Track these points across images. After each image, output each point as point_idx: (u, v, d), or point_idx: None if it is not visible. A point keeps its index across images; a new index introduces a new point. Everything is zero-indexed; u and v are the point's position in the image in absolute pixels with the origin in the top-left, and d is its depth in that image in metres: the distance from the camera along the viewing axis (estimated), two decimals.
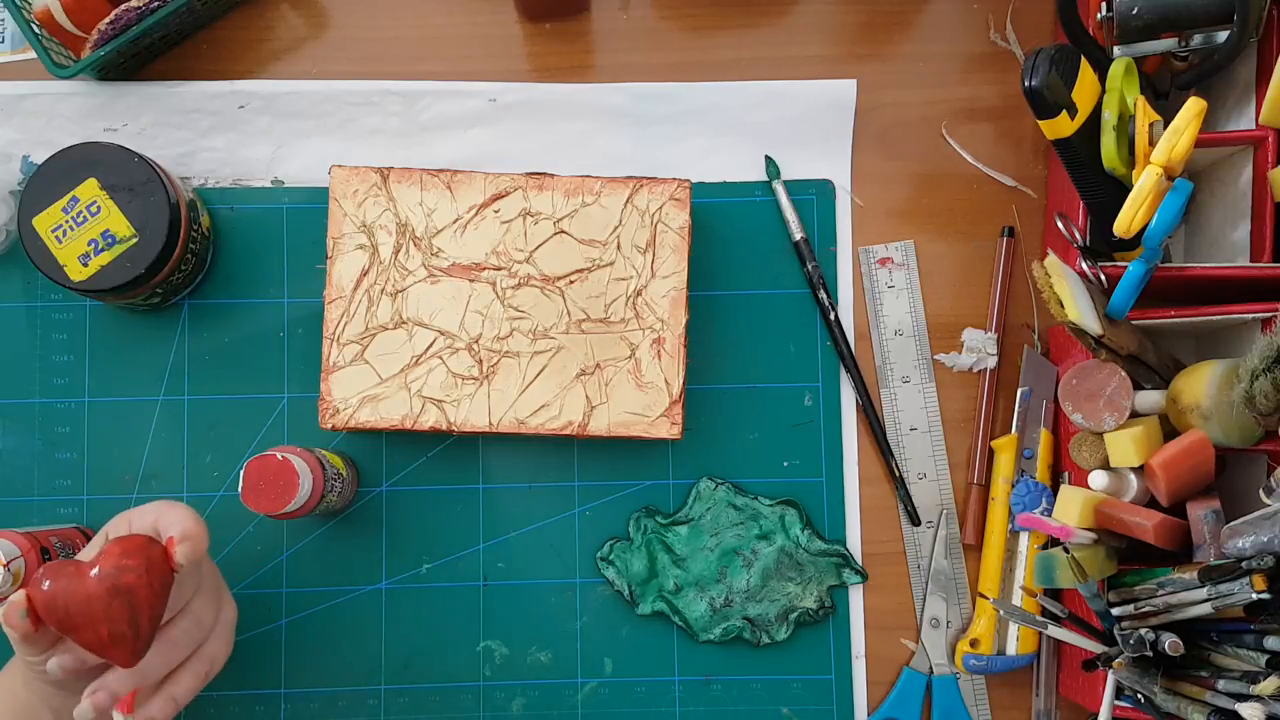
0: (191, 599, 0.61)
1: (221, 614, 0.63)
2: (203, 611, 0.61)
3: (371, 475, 0.77)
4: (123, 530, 0.60)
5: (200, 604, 0.61)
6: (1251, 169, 0.70)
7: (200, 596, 0.61)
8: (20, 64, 0.78)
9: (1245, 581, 0.58)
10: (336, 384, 0.71)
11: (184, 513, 0.59)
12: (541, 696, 0.76)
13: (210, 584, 0.63)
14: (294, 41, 0.80)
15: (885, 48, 0.80)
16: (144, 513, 0.60)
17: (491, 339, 0.72)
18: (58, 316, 0.77)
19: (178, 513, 0.59)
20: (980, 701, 0.77)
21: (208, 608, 0.62)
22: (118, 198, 0.69)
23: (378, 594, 0.76)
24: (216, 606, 0.63)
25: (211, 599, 0.63)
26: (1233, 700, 0.58)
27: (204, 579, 0.62)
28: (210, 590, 0.63)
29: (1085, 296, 0.66)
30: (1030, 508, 0.74)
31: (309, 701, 0.76)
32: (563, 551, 0.77)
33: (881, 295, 0.79)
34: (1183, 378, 0.67)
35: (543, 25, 0.80)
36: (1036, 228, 0.80)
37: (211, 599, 0.63)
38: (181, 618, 0.60)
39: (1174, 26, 0.68)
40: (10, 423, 0.76)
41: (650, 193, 0.73)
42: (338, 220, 0.72)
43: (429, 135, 0.79)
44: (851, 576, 0.76)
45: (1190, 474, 0.64)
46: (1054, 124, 0.65)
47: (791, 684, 0.76)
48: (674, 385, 0.72)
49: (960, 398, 0.79)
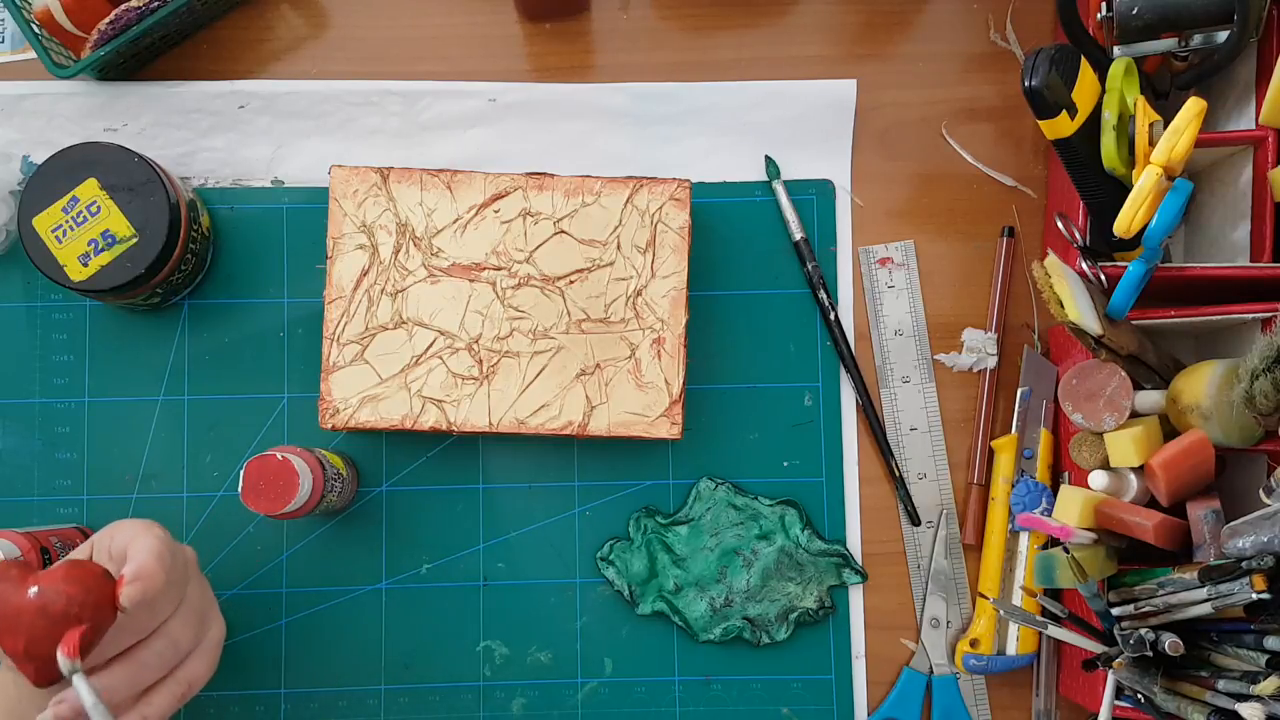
0: (169, 620, 0.59)
1: (206, 634, 0.61)
2: (180, 634, 0.59)
3: (371, 475, 0.77)
4: (104, 544, 0.58)
5: (178, 625, 0.59)
6: (1251, 169, 0.70)
7: (179, 618, 0.59)
8: (20, 64, 0.78)
9: (1245, 581, 0.58)
10: (336, 384, 0.71)
11: (151, 546, 0.56)
12: (541, 696, 0.76)
13: (194, 604, 0.61)
14: (294, 41, 0.80)
15: (885, 48, 0.80)
16: (123, 531, 0.58)
17: (491, 339, 0.72)
18: (58, 316, 0.77)
19: (144, 543, 0.56)
20: (980, 701, 0.77)
21: (186, 629, 0.59)
22: (118, 198, 0.69)
23: (378, 594, 0.76)
24: (199, 627, 0.61)
25: (192, 620, 0.60)
26: (1233, 700, 0.58)
27: (187, 599, 0.60)
28: (192, 611, 0.60)
29: (1085, 296, 0.66)
30: (1030, 508, 0.74)
31: (309, 701, 0.76)
32: (563, 551, 0.77)
33: (881, 295, 0.79)
34: (1183, 378, 0.67)
35: (543, 25, 0.80)
36: (1036, 228, 0.80)
37: (192, 620, 0.60)
38: (155, 639, 0.58)
39: (1174, 26, 0.68)
40: (10, 423, 0.76)
41: (650, 193, 0.73)
42: (338, 220, 0.72)
43: (429, 135, 0.79)
44: (851, 576, 0.76)
45: (1190, 474, 0.64)
46: (1054, 124, 0.65)
47: (791, 684, 0.76)
48: (674, 385, 0.72)
49: (960, 398, 0.79)
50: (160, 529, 0.59)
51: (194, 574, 0.62)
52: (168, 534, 0.59)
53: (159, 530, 0.59)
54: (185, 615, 0.60)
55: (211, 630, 0.62)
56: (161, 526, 0.60)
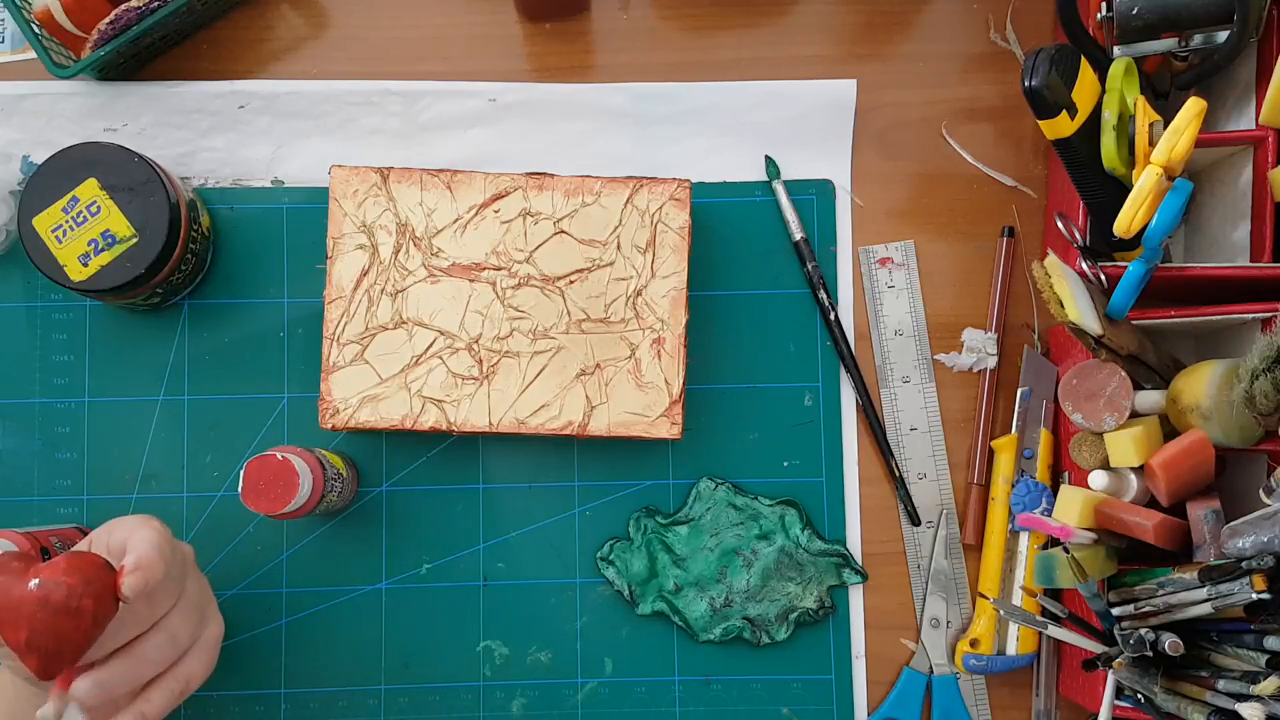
0: (169, 614, 0.58)
1: (204, 631, 0.61)
2: (179, 629, 0.59)
3: (371, 475, 0.77)
4: (103, 540, 0.58)
5: (177, 620, 0.59)
6: (1251, 169, 0.70)
7: (178, 613, 0.59)
8: (20, 64, 0.78)
9: (1245, 581, 0.58)
10: (336, 384, 0.71)
11: (149, 538, 0.56)
12: (541, 696, 0.76)
13: (193, 599, 0.60)
14: (294, 41, 0.80)
15: (885, 48, 0.80)
16: (123, 526, 0.58)
17: (491, 339, 0.72)
18: (58, 316, 0.77)
19: (143, 535, 0.56)
20: (980, 701, 0.77)
21: (185, 625, 0.59)
22: (118, 198, 0.69)
23: (377, 594, 0.76)
24: (197, 623, 0.60)
25: (192, 615, 0.60)
26: (1233, 700, 0.58)
27: (186, 594, 0.60)
28: (191, 606, 0.60)
29: (1085, 296, 0.66)
30: (1030, 508, 0.74)
31: (309, 701, 0.76)
32: (563, 551, 0.77)
33: (881, 295, 0.79)
34: (1183, 378, 0.67)
35: (543, 25, 0.80)
36: (1036, 228, 0.80)
37: (192, 615, 0.60)
38: (154, 633, 0.58)
39: (1174, 26, 0.68)
40: (10, 423, 0.76)
41: (650, 193, 0.73)
42: (338, 220, 0.72)
43: (429, 135, 0.79)
44: (851, 576, 0.76)
45: (1190, 474, 0.64)
46: (1054, 124, 0.65)
47: (791, 684, 0.76)
48: (674, 385, 0.72)
49: (960, 398, 0.79)
50: (158, 522, 0.59)
51: (192, 570, 0.62)
52: (166, 528, 0.59)
53: (157, 523, 0.59)
54: (184, 610, 0.59)
55: (210, 628, 0.62)
56: (160, 520, 0.60)
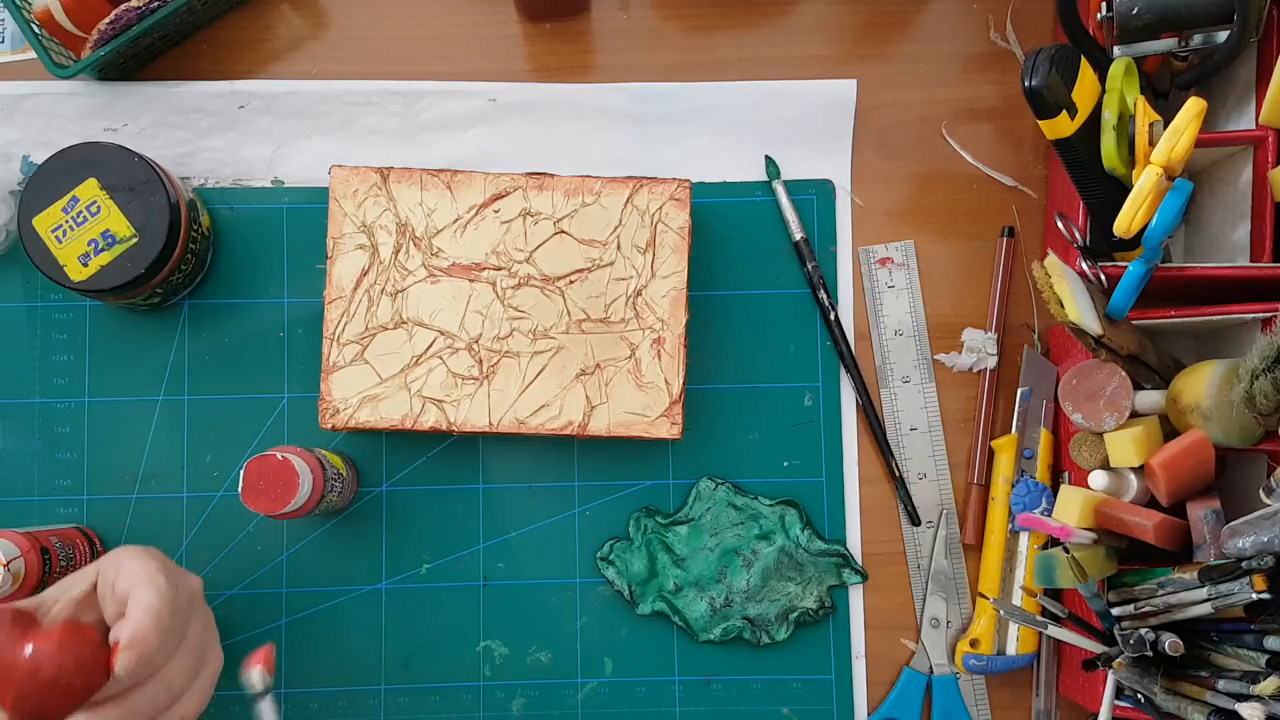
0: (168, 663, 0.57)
1: (203, 669, 0.60)
2: (176, 678, 0.57)
3: (371, 475, 0.77)
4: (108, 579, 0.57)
5: (176, 669, 0.57)
6: (1251, 169, 0.70)
7: (177, 662, 0.57)
8: (20, 64, 0.78)
9: (1245, 581, 0.58)
10: (336, 384, 0.71)
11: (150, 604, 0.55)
12: (541, 696, 0.76)
13: (193, 644, 0.59)
14: (294, 41, 0.80)
15: (885, 48, 0.80)
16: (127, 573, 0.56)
17: (491, 339, 0.72)
18: (58, 316, 0.77)
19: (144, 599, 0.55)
20: (980, 701, 0.77)
21: (183, 674, 0.58)
22: (118, 198, 0.69)
23: (377, 594, 0.76)
24: (197, 665, 0.59)
25: (190, 661, 0.58)
26: (1233, 700, 0.58)
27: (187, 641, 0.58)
28: (191, 652, 0.58)
29: (1085, 296, 0.66)
30: (1030, 508, 0.74)
31: (309, 701, 0.76)
32: (563, 551, 0.77)
33: (881, 295, 0.79)
34: (1183, 378, 0.67)
35: (543, 25, 0.80)
36: (1036, 228, 0.80)
37: (190, 661, 0.58)
38: (151, 684, 0.56)
39: (1174, 26, 0.68)
40: (10, 423, 0.76)
41: (650, 193, 0.73)
42: (338, 220, 0.72)
43: (429, 135, 0.79)
44: (851, 576, 0.76)
45: (1190, 474, 0.64)
46: (1054, 124, 0.65)
47: (791, 684, 0.76)
48: (674, 385, 0.72)
49: (960, 398, 0.79)
50: (164, 577, 0.57)
51: (199, 607, 0.61)
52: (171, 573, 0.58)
53: (162, 580, 0.57)
54: (183, 657, 0.58)
55: (209, 665, 0.60)
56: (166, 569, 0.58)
